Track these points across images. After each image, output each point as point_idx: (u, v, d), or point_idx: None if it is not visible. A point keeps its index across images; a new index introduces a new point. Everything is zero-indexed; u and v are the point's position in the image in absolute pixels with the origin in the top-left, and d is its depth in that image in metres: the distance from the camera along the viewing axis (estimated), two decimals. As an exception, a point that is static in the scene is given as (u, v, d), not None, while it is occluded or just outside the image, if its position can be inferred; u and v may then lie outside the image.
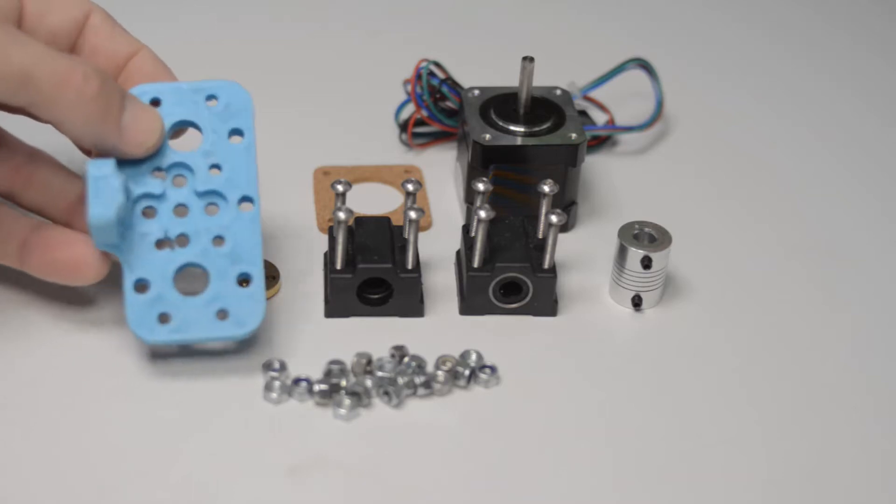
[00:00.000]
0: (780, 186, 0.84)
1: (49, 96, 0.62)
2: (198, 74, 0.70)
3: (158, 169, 0.67)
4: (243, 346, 0.69)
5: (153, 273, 0.66)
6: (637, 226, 0.73)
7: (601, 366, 0.70)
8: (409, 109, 0.84)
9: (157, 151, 0.67)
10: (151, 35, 0.70)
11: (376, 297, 0.72)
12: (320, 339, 0.71)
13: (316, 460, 0.65)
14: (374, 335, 0.70)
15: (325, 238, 0.76)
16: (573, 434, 0.67)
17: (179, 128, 0.69)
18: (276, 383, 0.67)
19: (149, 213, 0.67)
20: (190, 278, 0.67)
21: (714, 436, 0.67)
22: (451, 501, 0.64)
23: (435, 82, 0.81)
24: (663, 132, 0.88)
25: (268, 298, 0.72)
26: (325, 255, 0.74)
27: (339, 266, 0.71)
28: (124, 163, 0.66)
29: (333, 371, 0.67)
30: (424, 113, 0.82)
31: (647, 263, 0.72)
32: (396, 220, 0.75)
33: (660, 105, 0.85)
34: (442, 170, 0.83)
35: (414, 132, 0.85)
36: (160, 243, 0.67)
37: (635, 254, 0.72)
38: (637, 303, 0.73)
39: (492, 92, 0.79)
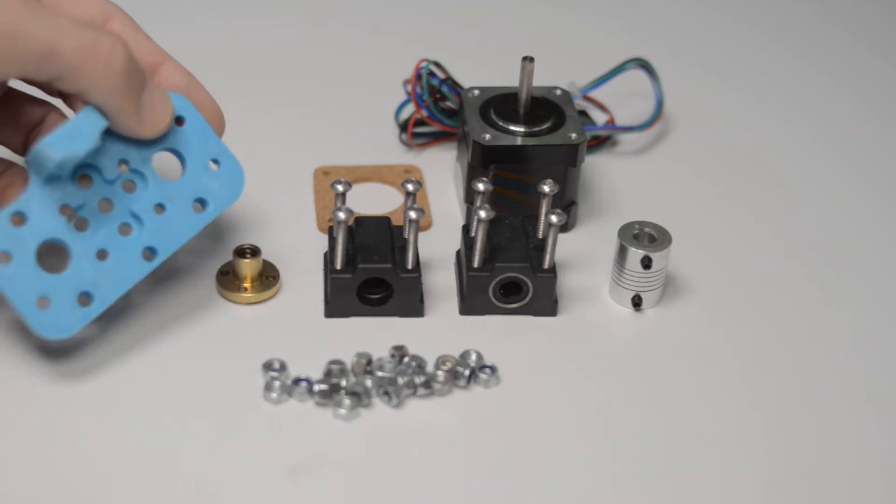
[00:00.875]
0: (780, 186, 0.84)
1: (76, 68, 0.62)
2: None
3: (126, 163, 0.67)
4: (243, 346, 0.70)
5: (37, 221, 0.65)
6: (637, 226, 0.73)
7: (601, 366, 0.70)
8: (409, 109, 0.84)
9: (139, 153, 0.67)
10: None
11: (376, 297, 0.72)
12: (320, 339, 0.71)
13: (316, 460, 0.65)
14: (374, 335, 0.70)
15: (325, 238, 0.76)
16: (573, 434, 0.67)
17: (170, 152, 0.68)
18: (276, 383, 0.67)
19: (84, 183, 0.67)
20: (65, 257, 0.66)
21: (714, 436, 0.67)
22: (451, 501, 0.64)
23: (435, 82, 0.81)
24: (663, 132, 0.88)
25: (267, 298, 0.72)
26: (325, 255, 0.74)
27: (339, 266, 0.71)
28: (112, 135, 0.66)
29: (333, 371, 0.67)
30: (424, 113, 0.82)
31: (647, 263, 0.72)
32: (396, 220, 0.75)
33: (660, 105, 0.85)
34: (442, 170, 0.83)
35: (414, 132, 0.85)
36: (65, 209, 0.66)
37: (635, 254, 0.72)
38: (637, 303, 0.73)
39: (492, 92, 0.79)
